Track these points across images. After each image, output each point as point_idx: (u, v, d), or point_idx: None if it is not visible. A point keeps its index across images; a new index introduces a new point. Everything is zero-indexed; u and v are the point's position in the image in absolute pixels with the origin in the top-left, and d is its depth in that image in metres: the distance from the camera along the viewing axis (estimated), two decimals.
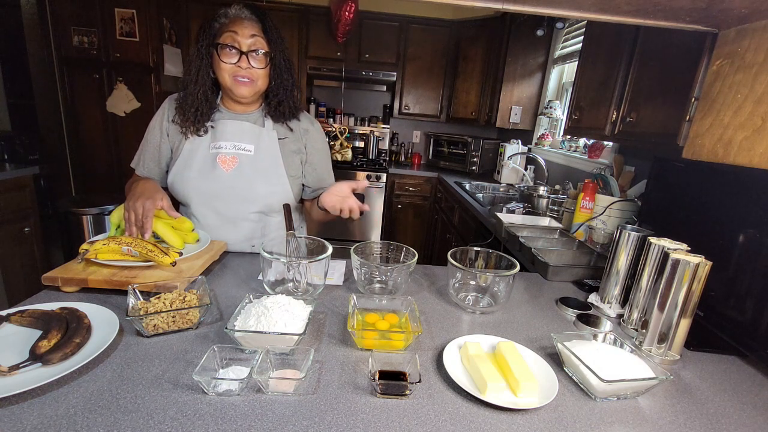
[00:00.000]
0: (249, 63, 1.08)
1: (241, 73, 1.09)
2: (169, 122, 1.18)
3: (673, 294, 0.81)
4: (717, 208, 0.99)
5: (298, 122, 1.25)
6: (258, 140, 1.18)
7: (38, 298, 0.85)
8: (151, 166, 1.21)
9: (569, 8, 0.92)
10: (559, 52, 3.08)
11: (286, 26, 3.53)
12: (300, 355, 0.70)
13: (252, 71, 1.10)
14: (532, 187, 2.57)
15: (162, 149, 1.20)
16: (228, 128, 1.17)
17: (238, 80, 1.09)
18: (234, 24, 1.08)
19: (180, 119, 1.15)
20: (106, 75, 3.31)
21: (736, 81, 0.96)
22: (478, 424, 0.61)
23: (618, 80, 1.57)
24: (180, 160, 1.17)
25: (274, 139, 1.20)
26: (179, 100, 1.15)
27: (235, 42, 1.07)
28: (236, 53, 1.07)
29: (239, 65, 1.08)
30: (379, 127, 4.05)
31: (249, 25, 1.08)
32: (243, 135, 1.17)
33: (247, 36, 1.07)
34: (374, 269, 1.01)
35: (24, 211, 2.43)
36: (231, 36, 1.06)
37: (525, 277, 1.25)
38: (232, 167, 1.16)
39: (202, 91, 1.12)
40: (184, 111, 1.13)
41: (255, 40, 1.08)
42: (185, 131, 1.15)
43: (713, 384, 0.78)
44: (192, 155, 1.16)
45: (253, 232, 1.25)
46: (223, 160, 1.16)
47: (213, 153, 1.16)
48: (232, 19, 1.09)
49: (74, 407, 0.58)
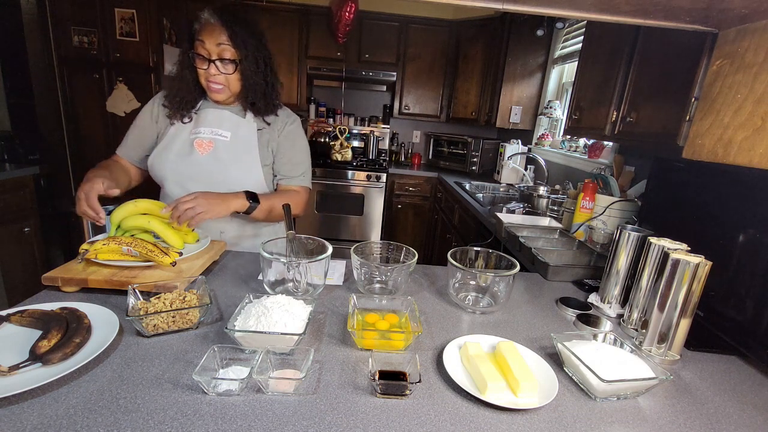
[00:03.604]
0: (218, 69, 1.14)
1: (211, 78, 1.15)
2: (159, 108, 1.25)
3: (673, 294, 0.81)
4: (717, 208, 0.99)
5: (276, 117, 1.30)
6: (236, 128, 1.24)
7: (38, 298, 0.85)
8: (132, 147, 1.28)
9: (569, 8, 0.92)
10: (559, 52, 3.08)
11: (286, 26, 3.53)
12: (300, 355, 0.70)
13: (221, 77, 1.16)
14: (532, 187, 2.57)
15: (147, 132, 1.26)
16: (209, 116, 1.24)
17: (211, 85, 1.16)
18: (203, 32, 1.12)
19: (168, 105, 1.22)
20: (106, 75, 3.30)
21: (736, 81, 0.96)
22: (478, 424, 0.61)
23: (618, 80, 1.57)
24: (162, 143, 1.23)
25: (253, 129, 1.26)
26: (167, 91, 1.23)
27: (204, 51, 1.13)
28: (205, 60, 1.13)
29: (209, 71, 1.14)
30: (379, 127, 4.05)
31: (217, 33, 1.12)
32: (222, 122, 1.24)
33: (214, 44, 1.12)
34: (374, 269, 1.01)
35: (24, 211, 2.43)
36: (200, 44, 1.13)
37: (525, 277, 1.25)
38: (207, 151, 1.21)
39: (185, 87, 1.20)
40: (171, 99, 1.22)
41: (221, 48, 1.13)
42: (172, 117, 1.23)
43: (713, 384, 0.78)
44: (173, 139, 1.22)
45: (223, 219, 1.26)
46: (199, 144, 1.21)
47: (192, 138, 1.22)
48: (203, 25, 1.13)
49: (74, 407, 0.58)
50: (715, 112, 1.02)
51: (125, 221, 1.04)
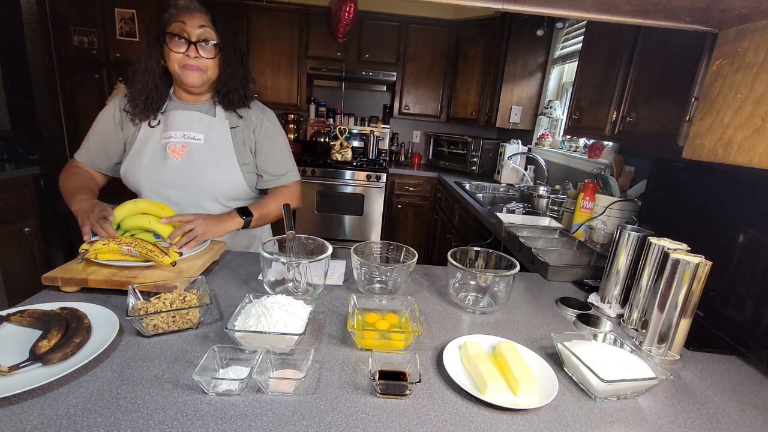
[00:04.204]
0: (198, 53, 1.10)
1: (189, 62, 1.11)
2: (121, 112, 1.20)
3: (673, 294, 0.81)
4: (717, 208, 0.99)
5: (248, 110, 1.26)
6: (208, 129, 1.20)
7: (38, 298, 0.85)
8: (96, 155, 1.23)
9: (569, 8, 0.92)
10: (559, 52, 3.08)
11: (286, 26, 3.53)
12: (300, 355, 0.70)
13: (201, 61, 1.12)
14: (532, 187, 2.57)
15: (112, 139, 1.22)
16: (178, 118, 1.19)
17: (187, 69, 1.11)
18: (183, 14, 1.10)
19: (130, 108, 1.17)
20: (106, 75, 3.30)
21: (736, 81, 0.96)
22: (478, 424, 0.61)
23: (618, 80, 1.57)
24: (132, 151, 1.19)
25: (225, 128, 1.22)
26: (129, 90, 1.18)
27: (184, 32, 1.09)
28: (185, 43, 1.09)
29: (188, 54, 1.10)
30: (379, 127, 4.05)
31: (198, 15, 1.10)
32: (192, 124, 1.19)
33: (196, 26, 1.09)
34: (374, 269, 1.01)
35: (24, 211, 2.43)
36: (179, 26, 1.09)
37: (525, 277, 1.25)
38: (182, 156, 1.18)
39: (152, 80, 1.14)
40: (135, 100, 1.16)
41: (203, 30, 1.10)
42: (135, 120, 1.18)
43: (713, 384, 0.78)
44: (144, 145, 1.18)
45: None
46: (173, 149, 1.18)
47: (164, 143, 1.18)
48: (181, 10, 1.11)
49: (74, 407, 0.58)
50: (715, 112, 1.02)
51: (126, 221, 1.05)
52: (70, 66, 3.27)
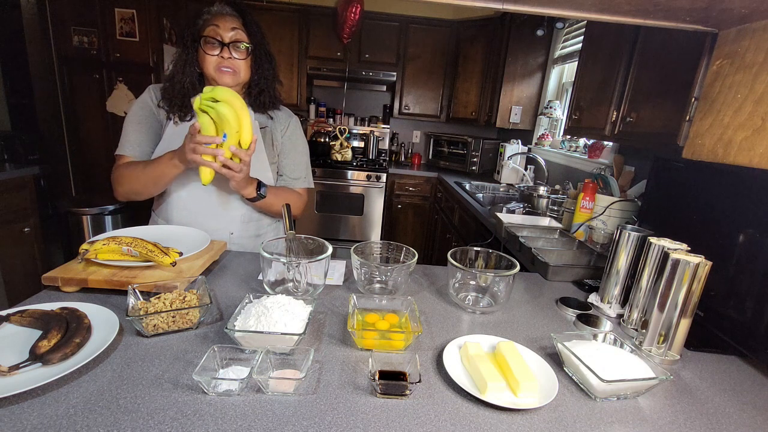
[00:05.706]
0: (231, 54, 1.14)
1: (223, 63, 1.13)
2: (157, 107, 1.21)
3: (673, 294, 0.81)
4: (717, 208, 0.99)
5: (278, 111, 1.31)
6: None
7: (38, 298, 0.85)
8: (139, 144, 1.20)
9: (569, 8, 0.92)
10: (559, 52, 3.08)
11: (286, 26, 3.53)
12: (300, 355, 0.70)
13: (234, 62, 1.14)
14: (532, 187, 2.57)
15: (153, 122, 1.21)
16: None
17: (221, 70, 1.14)
18: (216, 19, 1.13)
19: (167, 105, 1.18)
20: (106, 75, 3.31)
21: (736, 81, 0.96)
22: (478, 424, 0.61)
23: (618, 80, 1.57)
24: (162, 144, 1.19)
25: (256, 127, 1.23)
26: (165, 90, 1.18)
27: (217, 35, 1.12)
28: (218, 45, 1.12)
29: (222, 56, 1.13)
30: (379, 127, 4.05)
31: (230, 19, 1.14)
32: None
33: (228, 29, 1.13)
34: (374, 269, 1.01)
35: (24, 211, 2.43)
36: (213, 29, 1.12)
37: (525, 277, 1.25)
38: None
39: (189, 81, 1.16)
40: (171, 99, 1.17)
41: (236, 33, 1.13)
42: (171, 115, 1.18)
43: (713, 384, 0.78)
44: (175, 139, 1.17)
45: (233, 220, 1.27)
46: None
47: None
48: (215, 15, 1.14)
49: (74, 407, 0.58)
50: (715, 112, 1.02)
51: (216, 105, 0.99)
52: (70, 66, 3.27)
